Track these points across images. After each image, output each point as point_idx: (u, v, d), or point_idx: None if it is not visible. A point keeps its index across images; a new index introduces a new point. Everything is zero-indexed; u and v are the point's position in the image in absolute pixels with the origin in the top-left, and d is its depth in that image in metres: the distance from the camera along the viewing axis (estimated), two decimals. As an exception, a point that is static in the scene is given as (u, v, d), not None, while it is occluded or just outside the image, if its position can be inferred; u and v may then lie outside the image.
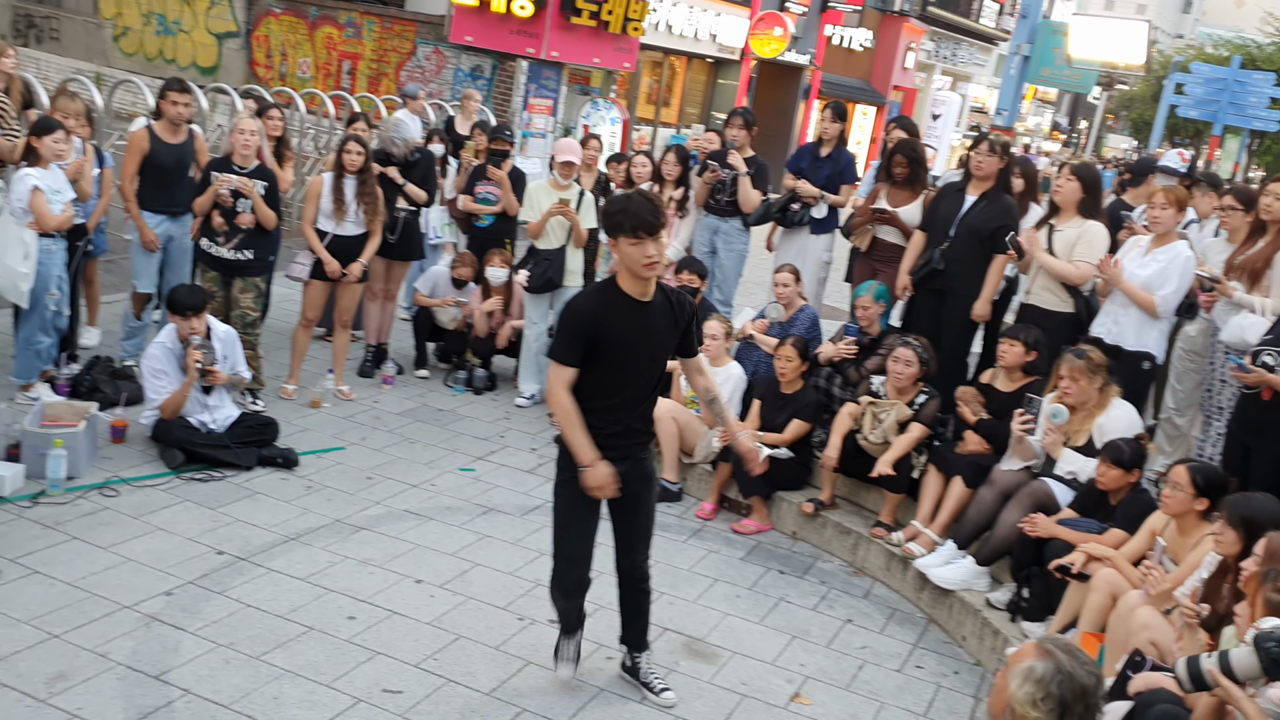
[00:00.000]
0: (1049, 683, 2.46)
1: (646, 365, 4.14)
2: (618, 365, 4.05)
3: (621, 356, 4.03)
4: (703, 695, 4.59)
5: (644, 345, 4.07)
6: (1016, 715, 2.49)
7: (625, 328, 4.00)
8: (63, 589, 4.69)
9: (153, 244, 7.13)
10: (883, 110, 28.02)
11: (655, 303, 4.06)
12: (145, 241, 7.11)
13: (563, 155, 7.70)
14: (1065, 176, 6.33)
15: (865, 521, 6.19)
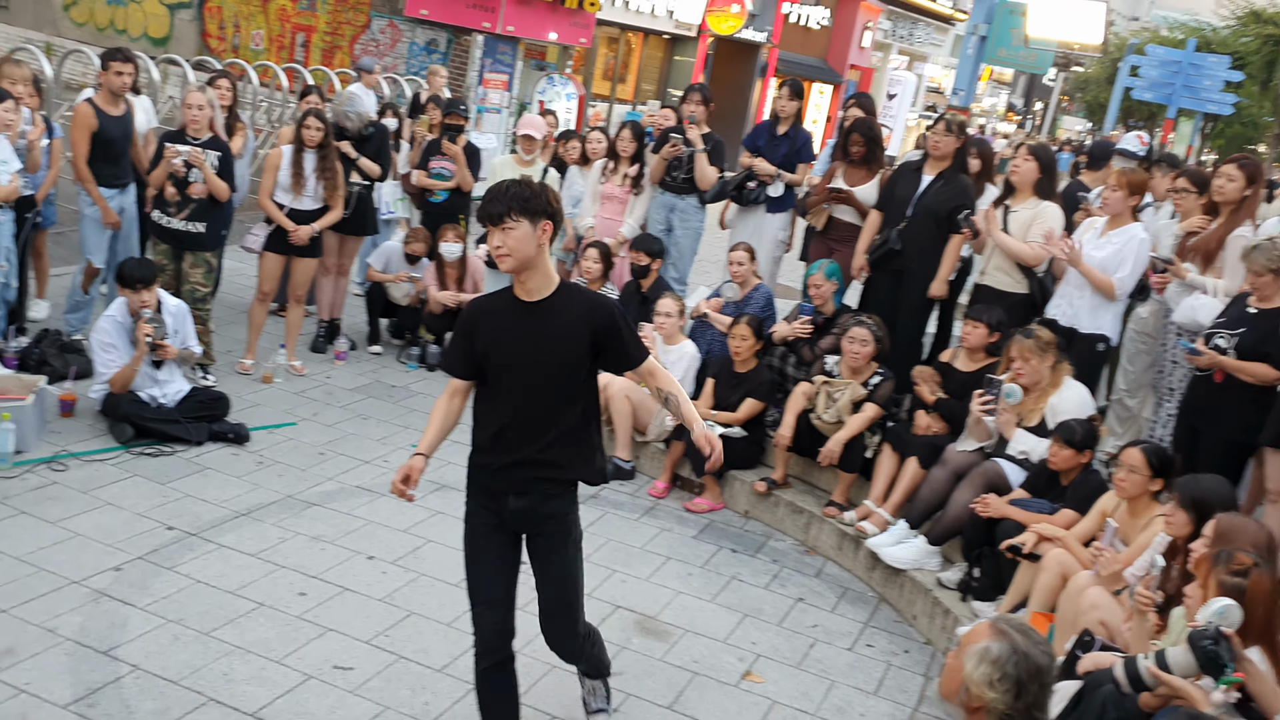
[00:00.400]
0: (1005, 663, 2.49)
1: (537, 379, 3.51)
2: (499, 378, 3.55)
3: (503, 368, 3.52)
4: (654, 673, 4.63)
5: (530, 355, 3.48)
6: (972, 695, 2.52)
7: (508, 333, 3.49)
8: (9, 563, 4.63)
9: (116, 224, 7.03)
10: (839, 89, 28.10)
11: (553, 305, 3.48)
12: (108, 222, 7.00)
13: (524, 129, 7.67)
14: (1023, 156, 6.40)
15: (818, 501, 6.25)
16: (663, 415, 6.61)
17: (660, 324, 6.71)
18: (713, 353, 6.97)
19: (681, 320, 6.81)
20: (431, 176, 8.57)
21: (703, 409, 6.43)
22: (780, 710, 4.52)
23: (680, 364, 6.71)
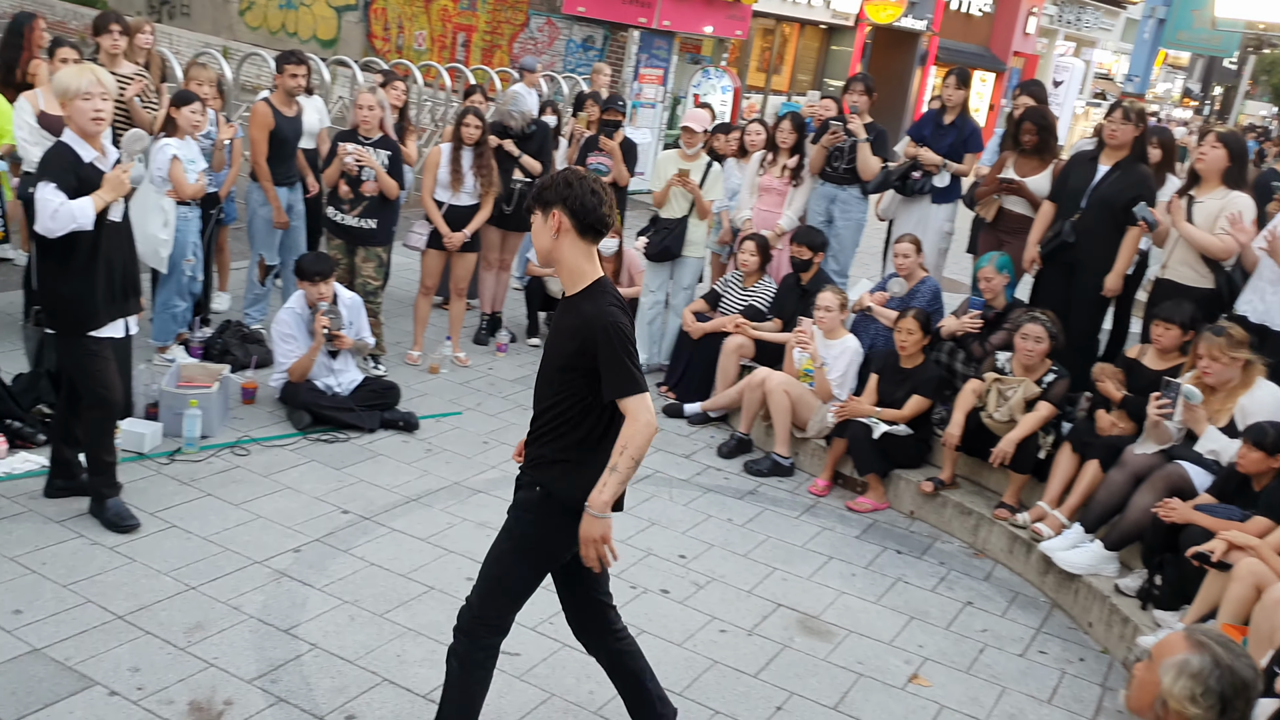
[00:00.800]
0: (1207, 677, 2.35)
1: (543, 372, 3.46)
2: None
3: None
4: (818, 673, 4.56)
5: (547, 348, 3.46)
6: (1170, 711, 2.39)
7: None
8: (198, 543, 4.87)
9: (285, 225, 7.32)
10: (1001, 77, 27.23)
11: (571, 305, 3.35)
12: (278, 223, 7.29)
13: (686, 121, 7.67)
14: (1210, 144, 6.03)
15: (987, 502, 6.06)
16: (823, 411, 6.52)
17: (821, 318, 6.61)
18: (876, 347, 6.83)
19: (843, 314, 6.69)
20: (590, 171, 8.65)
21: (866, 405, 6.31)
22: (949, 715, 4.40)
23: (842, 359, 6.60)
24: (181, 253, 6.55)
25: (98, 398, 4.75)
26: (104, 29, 6.96)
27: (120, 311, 4.81)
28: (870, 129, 7.76)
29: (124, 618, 4.24)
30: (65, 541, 4.72)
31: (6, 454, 5.35)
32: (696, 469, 6.54)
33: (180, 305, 6.71)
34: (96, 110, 4.48)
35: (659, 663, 4.43)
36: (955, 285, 10.34)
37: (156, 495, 5.24)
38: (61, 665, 3.90)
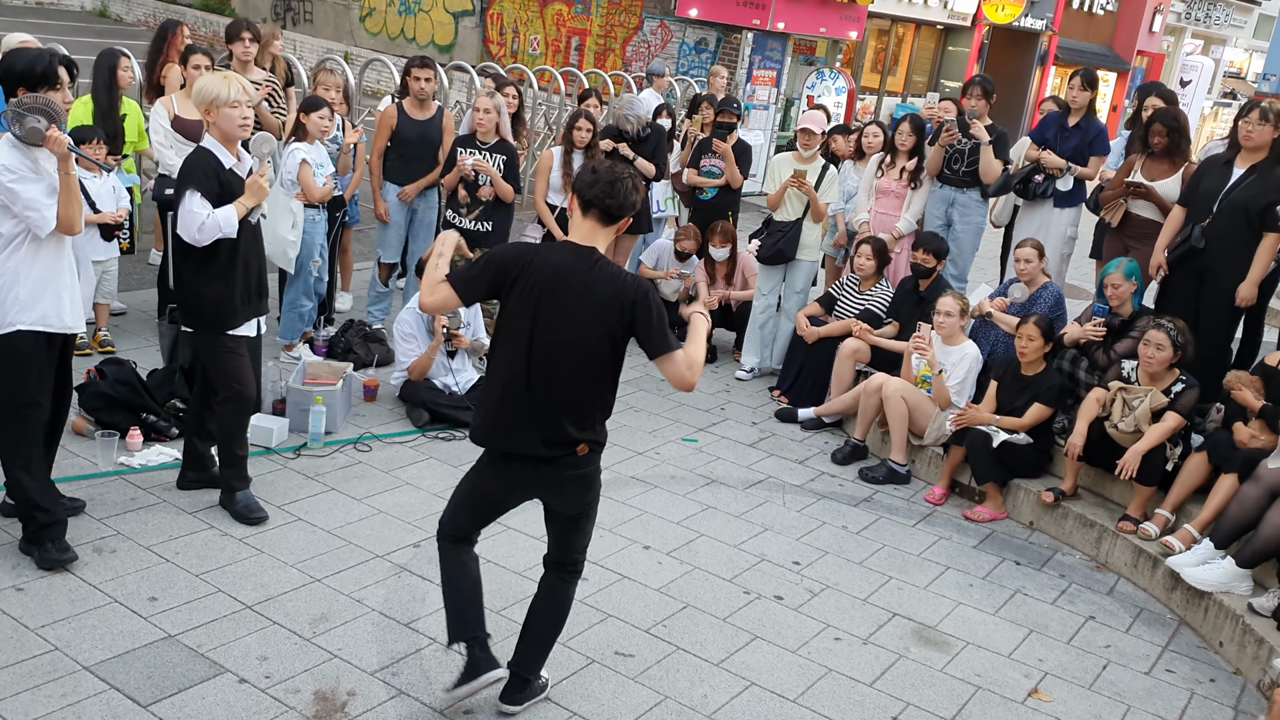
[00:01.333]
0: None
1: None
2: None
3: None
4: (934, 684, 4.49)
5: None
6: None
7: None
8: (322, 536, 5.02)
9: (384, 215, 7.48)
10: (1124, 77, 26.43)
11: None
12: (378, 213, 7.44)
13: (803, 123, 7.62)
14: None
15: (1110, 514, 5.88)
16: (941, 419, 6.41)
17: (940, 323, 6.51)
18: (995, 354, 6.69)
19: (963, 320, 6.57)
20: (702, 174, 8.66)
21: (985, 413, 6.19)
22: (1071, 733, 4.29)
23: (961, 365, 6.48)
24: (308, 254, 6.75)
25: (233, 393, 4.93)
26: (236, 36, 7.22)
27: (254, 311, 4.98)
28: (991, 131, 7.61)
29: (252, 607, 4.39)
30: (197, 532, 4.91)
31: (142, 447, 5.58)
32: (810, 475, 6.49)
33: (306, 305, 6.92)
34: (244, 118, 4.65)
35: (772, 669, 4.42)
36: (1078, 291, 10.10)
37: (283, 489, 5.41)
38: (194, 652, 4.05)
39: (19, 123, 4.05)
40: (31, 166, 4.12)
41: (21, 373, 4.29)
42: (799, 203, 7.58)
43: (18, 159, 4.10)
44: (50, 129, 4.06)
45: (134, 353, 6.55)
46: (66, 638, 4.03)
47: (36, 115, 4.05)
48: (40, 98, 4.15)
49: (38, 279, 4.23)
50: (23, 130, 4.05)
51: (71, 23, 20.06)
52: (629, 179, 3.52)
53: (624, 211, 3.54)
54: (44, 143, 4.08)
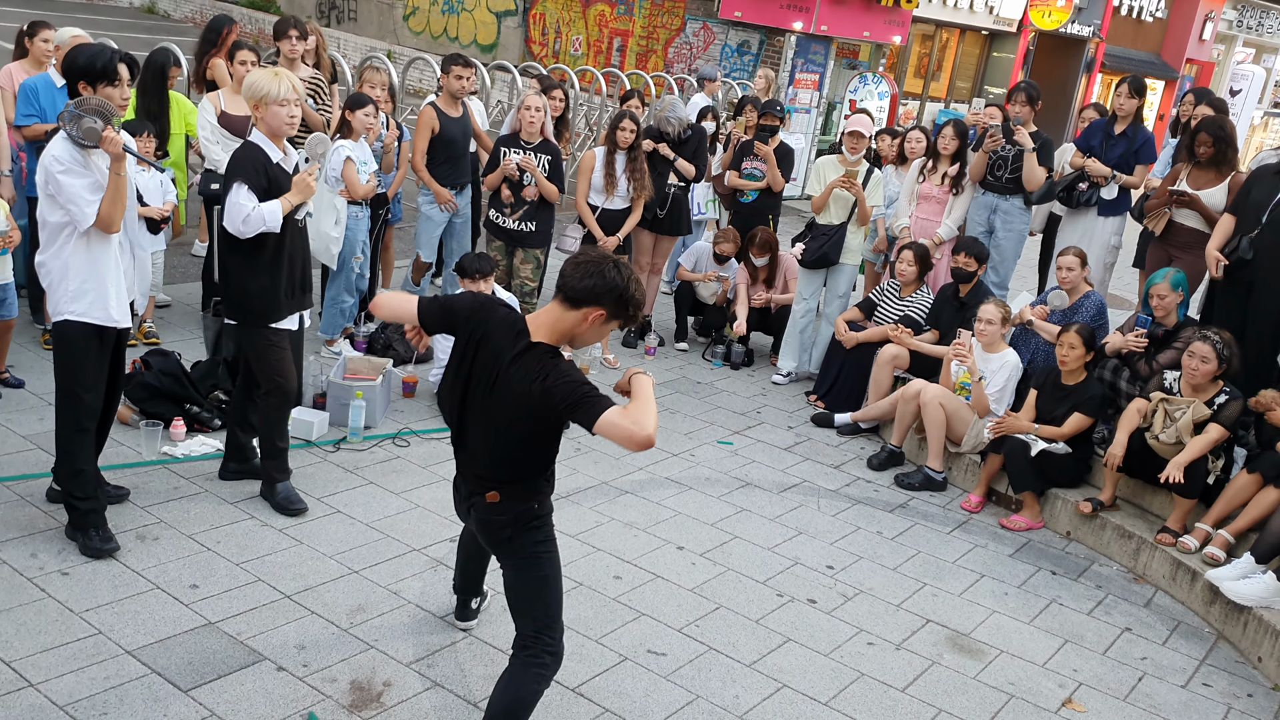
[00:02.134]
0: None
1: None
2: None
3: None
4: (967, 691, 4.47)
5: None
6: None
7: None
8: (360, 529, 5.08)
9: (451, 203, 7.50)
10: (1172, 85, 26.11)
11: None
12: (443, 201, 7.46)
13: (852, 126, 7.60)
14: None
15: (1149, 526, 5.83)
16: (979, 426, 6.38)
17: (981, 331, 6.47)
18: (1035, 362, 6.65)
19: (1004, 328, 6.53)
20: (743, 177, 8.66)
21: (1024, 421, 6.15)
22: (1105, 745, 4.26)
23: (1001, 373, 6.44)
24: (351, 250, 6.82)
25: (275, 385, 5.00)
26: (283, 34, 7.30)
27: (297, 305, 5.05)
28: (1035, 138, 7.56)
29: (291, 597, 4.45)
30: (238, 522, 4.98)
31: (185, 437, 5.67)
32: (846, 480, 6.48)
33: (348, 301, 7.00)
34: (291, 116, 4.71)
35: (804, 672, 4.42)
36: (1120, 301, 10.00)
37: (323, 481, 5.47)
38: (234, 639, 4.12)
39: (76, 123, 4.14)
40: (81, 161, 4.20)
41: (77, 360, 4.39)
42: (843, 206, 7.57)
43: (68, 152, 4.19)
44: (106, 130, 4.15)
45: (179, 344, 6.65)
46: (110, 622, 4.10)
47: (94, 116, 4.14)
48: (97, 99, 4.23)
49: (86, 273, 4.31)
50: (80, 130, 4.14)
51: (120, 19, 20.37)
52: (608, 267, 3.30)
53: (579, 295, 3.29)
54: (100, 143, 4.17)
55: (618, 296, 3.31)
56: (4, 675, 3.72)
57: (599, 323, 3.35)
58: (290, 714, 3.75)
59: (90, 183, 4.22)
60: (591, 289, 3.29)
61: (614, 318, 3.37)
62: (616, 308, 3.33)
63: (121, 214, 4.33)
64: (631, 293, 3.33)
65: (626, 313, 3.37)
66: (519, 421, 3.34)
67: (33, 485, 4.98)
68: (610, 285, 3.29)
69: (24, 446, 5.36)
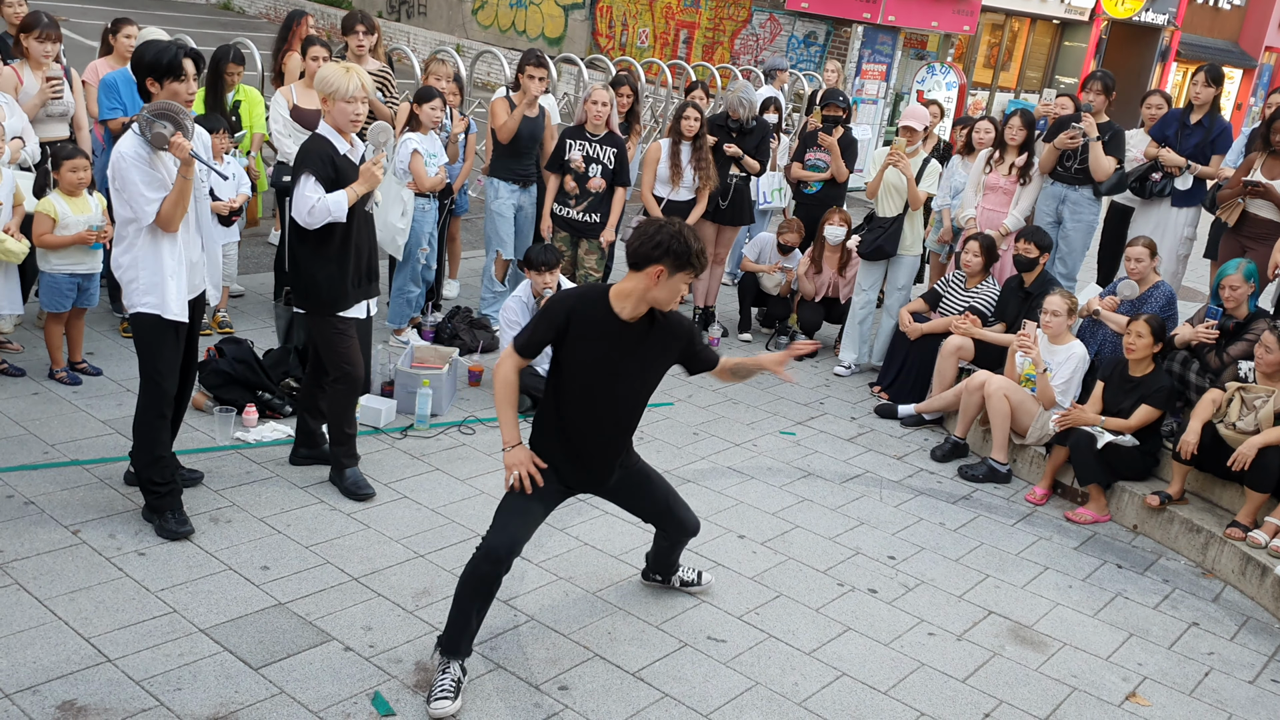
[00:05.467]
0: None
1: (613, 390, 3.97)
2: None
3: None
4: (1029, 683, 4.44)
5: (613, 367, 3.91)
6: None
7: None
8: (426, 514, 5.17)
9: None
10: (1250, 74, 25.47)
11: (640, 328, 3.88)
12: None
13: (905, 120, 7.55)
14: None
15: (1219, 520, 5.73)
16: (1044, 418, 6.31)
17: (1048, 322, 6.40)
18: (1102, 354, 6.56)
19: (1070, 319, 6.45)
20: (807, 168, 8.64)
21: (1090, 414, 6.08)
22: (1170, 740, 4.21)
23: (1067, 365, 6.37)
24: (417, 241, 6.94)
25: (342, 373, 5.11)
26: (351, 29, 7.42)
27: (364, 294, 5.15)
28: (1105, 128, 7.45)
29: (358, 579, 4.55)
30: (307, 506, 5.10)
31: (257, 423, 5.82)
32: (908, 471, 6.46)
33: (414, 291, 7.11)
34: (357, 113, 4.82)
35: (864, 661, 4.43)
36: (1191, 294, 9.81)
37: (390, 467, 5.58)
38: (303, 619, 4.22)
39: (148, 128, 4.27)
40: (147, 159, 4.33)
41: (155, 349, 4.54)
42: (899, 197, 7.52)
43: (135, 148, 4.31)
44: (175, 135, 4.27)
45: (251, 333, 6.82)
46: (184, 601, 4.24)
47: (164, 122, 4.27)
48: (169, 105, 4.34)
49: (154, 269, 4.44)
50: (150, 135, 4.27)
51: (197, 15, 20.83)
52: (658, 226, 3.72)
53: (639, 258, 3.72)
54: (168, 148, 4.29)
55: (672, 248, 3.64)
56: (84, 650, 3.86)
57: (665, 278, 3.68)
58: (356, 692, 3.84)
59: (153, 180, 4.33)
60: (647, 248, 3.67)
61: (678, 269, 3.68)
62: (676, 259, 3.65)
63: (182, 215, 4.43)
64: (686, 241, 3.66)
65: (688, 262, 3.67)
66: (655, 380, 4.04)
67: (111, 469, 5.15)
68: (661, 239, 3.65)
69: (103, 431, 5.54)
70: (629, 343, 3.84)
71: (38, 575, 4.27)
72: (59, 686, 3.67)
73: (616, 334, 3.81)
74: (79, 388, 6.00)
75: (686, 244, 3.65)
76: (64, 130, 6.58)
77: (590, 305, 3.82)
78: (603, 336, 3.81)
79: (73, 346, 6.16)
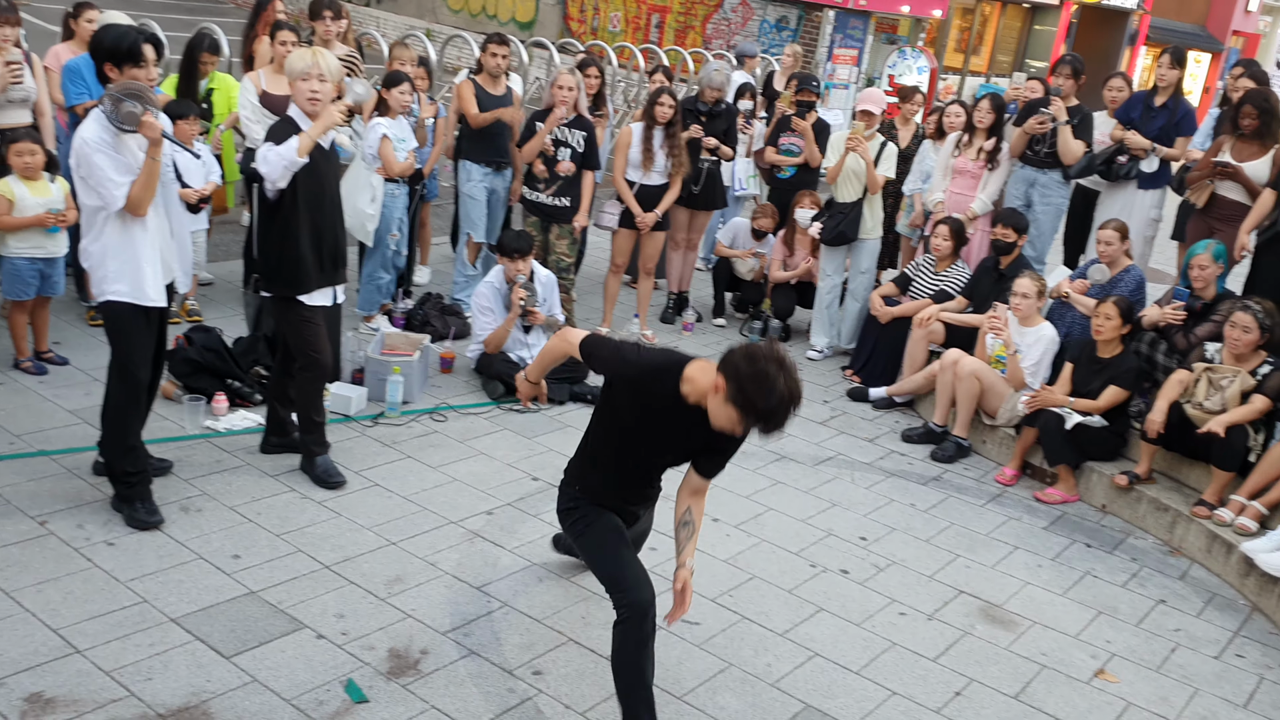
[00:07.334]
0: None
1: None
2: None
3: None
4: (999, 661, 4.49)
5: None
6: None
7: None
8: (398, 501, 5.16)
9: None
10: (1218, 57, 25.67)
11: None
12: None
13: (862, 104, 7.55)
14: None
15: (1185, 499, 5.80)
16: (1014, 400, 6.36)
17: (1017, 304, 6.44)
18: (1071, 336, 6.61)
19: (1040, 302, 6.49)
20: (780, 153, 8.64)
21: (1059, 395, 6.13)
22: (1136, 713, 4.26)
23: (1037, 347, 6.41)
24: (387, 227, 6.90)
25: (309, 360, 5.08)
26: (318, 14, 7.33)
27: (330, 280, 5.11)
28: (1075, 112, 7.49)
29: (330, 567, 4.54)
30: (279, 494, 5.08)
31: (227, 412, 5.78)
32: (880, 453, 6.49)
33: (384, 277, 7.07)
34: (313, 91, 4.77)
35: (835, 641, 4.46)
36: (1160, 275, 9.89)
37: (361, 455, 5.56)
38: (275, 608, 4.21)
39: (116, 107, 4.19)
40: (111, 143, 4.25)
41: (126, 337, 4.50)
42: (858, 182, 7.52)
43: (99, 132, 4.24)
44: (146, 114, 4.21)
45: (220, 321, 6.77)
46: (154, 591, 4.21)
47: (133, 100, 4.20)
48: (135, 84, 4.28)
49: (124, 255, 4.39)
50: (120, 115, 4.19)
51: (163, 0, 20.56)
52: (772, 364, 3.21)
53: (722, 362, 3.31)
54: (139, 128, 4.23)
55: (747, 390, 3.18)
56: (52, 642, 3.84)
57: (724, 398, 3.24)
58: (329, 680, 3.83)
59: (120, 164, 4.27)
60: (740, 365, 3.20)
61: (737, 407, 3.22)
62: (744, 404, 3.20)
63: (151, 198, 4.36)
64: (769, 405, 3.18)
65: (751, 413, 3.22)
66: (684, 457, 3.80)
67: (79, 459, 5.10)
68: (758, 380, 3.17)
69: (70, 421, 5.49)
70: (679, 415, 3.50)
71: (5, 567, 4.23)
72: (26, 679, 3.64)
73: (670, 406, 3.49)
74: (45, 377, 5.94)
75: (768, 407, 3.18)
76: (25, 116, 6.49)
77: (658, 379, 3.51)
78: (659, 401, 3.52)
79: (38, 336, 6.10)
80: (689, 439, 3.61)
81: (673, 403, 3.48)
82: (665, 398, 3.49)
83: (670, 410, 3.51)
